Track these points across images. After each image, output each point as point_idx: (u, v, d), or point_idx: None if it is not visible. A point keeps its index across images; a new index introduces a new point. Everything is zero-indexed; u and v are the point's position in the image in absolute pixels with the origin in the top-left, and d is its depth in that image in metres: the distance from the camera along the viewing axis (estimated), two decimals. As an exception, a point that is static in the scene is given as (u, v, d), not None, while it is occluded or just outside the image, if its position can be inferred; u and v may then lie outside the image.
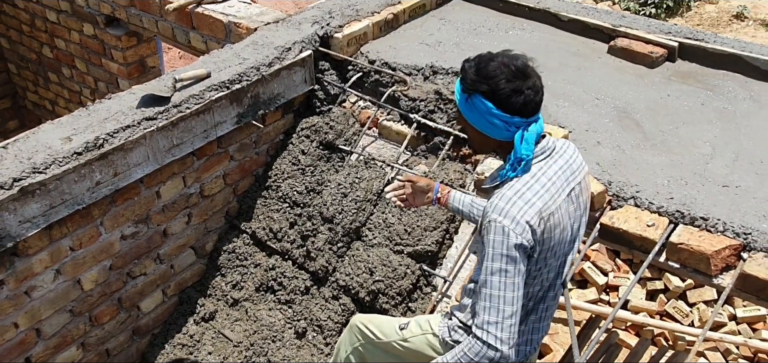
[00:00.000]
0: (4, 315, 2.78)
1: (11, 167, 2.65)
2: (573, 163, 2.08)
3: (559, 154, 2.06)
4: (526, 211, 1.89)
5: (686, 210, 2.73)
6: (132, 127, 2.96)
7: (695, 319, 5.13)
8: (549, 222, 1.95)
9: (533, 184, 1.95)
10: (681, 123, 3.29)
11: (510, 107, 1.92)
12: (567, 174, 2.04)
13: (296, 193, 3.57)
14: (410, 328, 2.40)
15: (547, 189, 1.96)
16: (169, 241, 3.38)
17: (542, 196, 1.94)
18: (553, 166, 2.02)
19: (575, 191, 2.07)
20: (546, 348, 4.96)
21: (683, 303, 5.26)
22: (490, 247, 1.90)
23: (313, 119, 3.77)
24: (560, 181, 2.01)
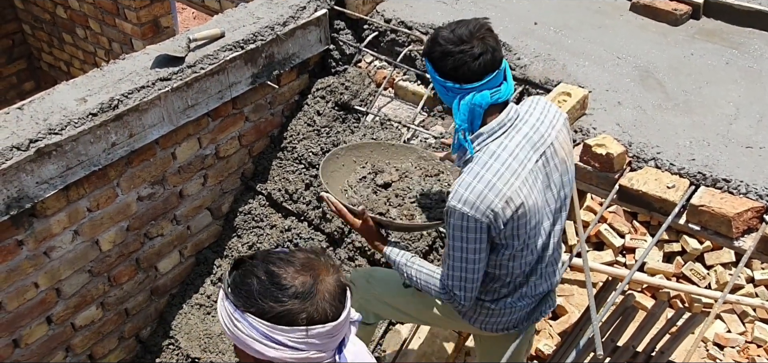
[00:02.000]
0: (24, 275, 2.81)
1: (27, 128, 2.66)
2: (540, 126, 2.01)
3: (523, 121, 2.00)
4: (485, 195, 1.88)
5: (708, 171, 2.68)
6: (146, 87, 2.95)
7: (712, 282, 5.09)
8: (514, 200, 1.91)
9: (492, 163, 1.92)
10: (704, 82, 3.22)
11: (442, 71, 1.95)
12: (533, 140, 1.98)
13: (312, 154, 3.55)
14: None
15: (508, 166, 1.92)
16: (185, 202, 3.39)
17: (503, 176, 1.90)
18: (514, 138, 1.96)
19: (547, 154, 2.00)
20: (561, 310, 4.96)
21: (700, 265, 5.22)
22: (450, 229, 1.96)
23: (328, 79, 3.73)
24: (524, 151, 1.96)
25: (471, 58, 1.90)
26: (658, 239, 2.60)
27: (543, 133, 2.01)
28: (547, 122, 2.04)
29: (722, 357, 4.82)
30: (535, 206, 1.97)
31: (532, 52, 3.44)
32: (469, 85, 1.93)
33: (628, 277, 2.67)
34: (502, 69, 1.97)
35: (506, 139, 1.96)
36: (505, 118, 1.97)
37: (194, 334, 3.39)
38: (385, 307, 2.55)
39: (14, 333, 2.88)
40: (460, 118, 1.96)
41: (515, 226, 1.95)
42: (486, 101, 1.94)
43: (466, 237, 1.93)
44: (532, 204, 1.96)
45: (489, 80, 1.93)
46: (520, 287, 2.17)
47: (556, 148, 2.04)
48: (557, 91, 3.01)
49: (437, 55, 1.95)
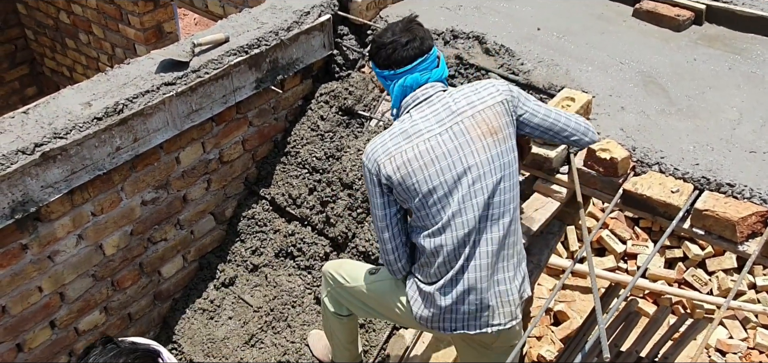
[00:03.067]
0: (28, 279, 2.82)
1: (33, 133, 2.66)
2: (453, 105, 2.16)
3: (439, 99, 2.19)
4: (375, 149, 2.18)
5: (712, 176, 2.68)
6: (151, 92, 2.95)
7: (714, 288, 5.09)
8: (396, 158, 2.13)
9: (394, 128, 2.20)
10: (707, 87, 3.22)
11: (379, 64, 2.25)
12: (442, 116, 2.15)
13: (315, 159, 3.55)
14: (380, 273, 2.48)
15: (403, 131, 2.16)
16: (188, 206, 3.39)
17: (395, 137, 2.16)
18: (423, 111, 2.17)
19: (454, 129, 2.13)
20: (563, 315, 4.96)
21: (702, 271, 5.22)
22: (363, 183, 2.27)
23: (332, 84, 3.74)
24: (427, 123, 2.15)
25: (400, 45, 2.19)
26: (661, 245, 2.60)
27: (454, 110, 2.16)
28: (466, 102, 2.17)
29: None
30: (425, 173, 2.12)
31: (536, 57, 3.45)
32: (400, 70, 2.20)
33: (631, 284, 2.66)
34: (432, 55, 2.23)
35: (415, 112, 2.19)
36: (420, 93, 2.21)
37: (197, 339, 3.39)
38: (352, 301, 2.58)
39: (18, 337, 2.87)
40: (394, 100, 2.25)
41: (405, 188, 2.15)
42: (417, 82, 2.20)
43: (368, 188, 2.25)
44: (418, 168, 2.12)
45: (418, 64, 2.19)
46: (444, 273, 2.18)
47: (466, 125, 2.14)
48: (561, 96, 3.02)
49: (374, 51, 2.26)
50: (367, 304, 2.55)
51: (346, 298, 2.60)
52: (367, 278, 2.50)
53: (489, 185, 2.13)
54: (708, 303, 4.93)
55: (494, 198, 2.14)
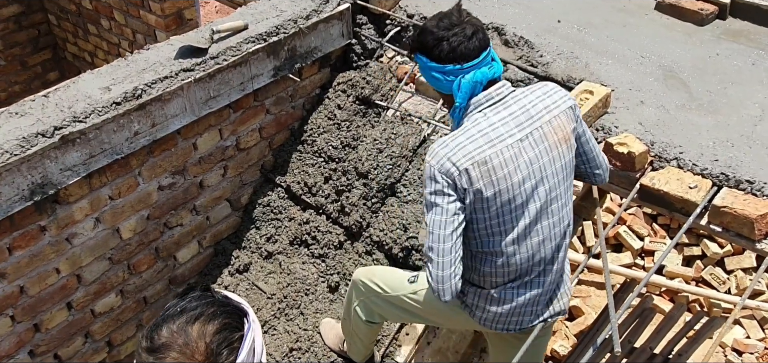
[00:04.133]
0: (46, 260, 2.86)
1: (52, 116, 2.69)
2: (532, 108, 2.03)
3: (515, 100, 2.04)
4: (454, 152, 1.95)
5: (731, 172, 2.64)
6: (170, 77, 2.97)
7: (732, 287, 5.02)
8: (485, 165, 1.94)
9: (470, 128, 1.99)
10: (729, 83, 3.17)
11: (440, 57, 2.00)
12: (520, 120, 2.01)
13: (331, 148, 3.56)
14: (420, 281, 2.41)
15: (484, 134, 1.97)
16: (205, 192, 3.42)
17: (476, 140, 1.96)
18: (500, 113, 2.01)
19: (533, 135, 2.01)
20: (578, 311, 4.93)
21: (720, 270, 5.15)
22: (424, 187, 2.01)
23: (349, 74, 3.74)
24: (506, 127, 1.99)
25: (465, 38, 1.99)
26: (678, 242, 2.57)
27: (533, 114, 2.03)
28: (542, 106, 2.05)
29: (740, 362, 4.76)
30: (509, 182, 1.98)
31: (555, 49, 3.42)
32: (468, 64, 2.00)
33: (645, 279, 2.64)
34: (491, 49, 2.06)
35: (491, 112, 2.02)
36: (494, 92, 2.03)
37: (212, 324, 3.42)
38: (390, 308, 2.52)
39: (35, 317, 2.92)
40: (461, 98, 2.02)
41: (485, 196, 1.98)
42: (486, 77, 2.02)
43: (434, 192, 1.97)
44: (503, 177, 1.97)
45: (484, 58, 2.02)
46: (514, 279, 2.13)
47: (545, 132, 2.04)
48: (579, 89, 2.99)
49: (431, 43, 2.01)
50: (408, 311, 2.47)
51: (381, 306, 2.55)
52: (407, 286, 2.43)
53: (561, 193, 2.10)
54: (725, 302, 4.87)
55: (566, 204, 2.12)
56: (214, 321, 1.17)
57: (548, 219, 2.09)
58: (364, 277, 2.58)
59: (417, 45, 2.06)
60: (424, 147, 3.37)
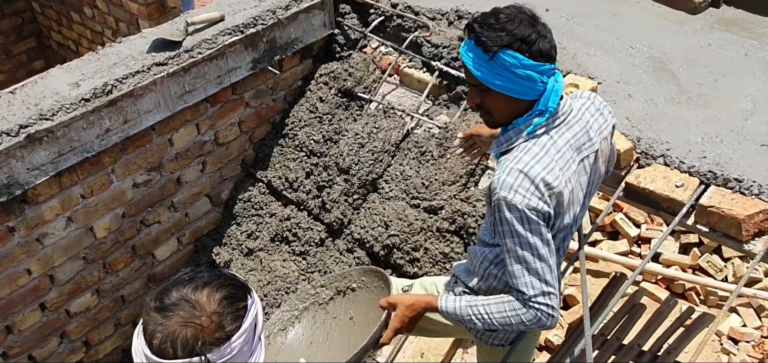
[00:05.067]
0: (16, 261, 2.78)
1: (18, 114, 2.61)
2: (591, 128, 1.85)
3: (576, 119, 1.84)
4: (536, 185, 1.71)
5: (719, 170, 2.55)
6: (142, 72, 2.88)
7: (729, 274, 4.95)
8: (561, 195, 1.77)
9: (542, 156, 1.74)
10: (721, 75, 3.08)
11: (539, 54, 1.69)
12: (581, 141, 1.83)
13: (313, 142, 3.47)
14: (414, 289, 2.30)
15: (556, 162, 1.75)
16: (183, 189, 3.34)
17: (552, 171, 1.73)
18: (565, 135, 1.80)
19: (589, 159, 1.86)
20: (572, 299, 4.86)
21: (718, 257, 5.08)
22: (507, 225, 1.74)
23: (332, 65, 3.64)
24: (571, 151, 1.80)
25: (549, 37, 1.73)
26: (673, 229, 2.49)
27: (592, 137, 1.85)
28: (597, 126, 1.88)
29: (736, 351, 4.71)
30: (570, 210, 1.84)
31: (541, 40, 3.31)
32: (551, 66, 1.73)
33: (639, 268, 2.57)
34: None
35: (556, 135, 1.79)
36: (563, 110, 1.80)
37: (191, 323, 3.35)
38: None
39: (7, 319, 2.85)
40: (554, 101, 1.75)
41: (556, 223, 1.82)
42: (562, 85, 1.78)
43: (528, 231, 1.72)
44: (569, 204, 1.82)
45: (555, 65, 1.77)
46: None
47: (597, 155, 1.89)
48: (565, 83, 2.89)
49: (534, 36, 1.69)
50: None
51: None
52: None
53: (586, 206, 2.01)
54: (721, 289, 4.81)
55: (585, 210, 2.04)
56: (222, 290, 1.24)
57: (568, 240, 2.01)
58: None
59: (510, 40, 1.68)
60: (407, 141, 3.28)
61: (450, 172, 3.09)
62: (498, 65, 1.70)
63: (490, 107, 1.80)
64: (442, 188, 3.07)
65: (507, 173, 1.73)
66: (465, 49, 1.77)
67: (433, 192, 3.07)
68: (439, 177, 3.09)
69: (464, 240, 2.98)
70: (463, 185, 3.08)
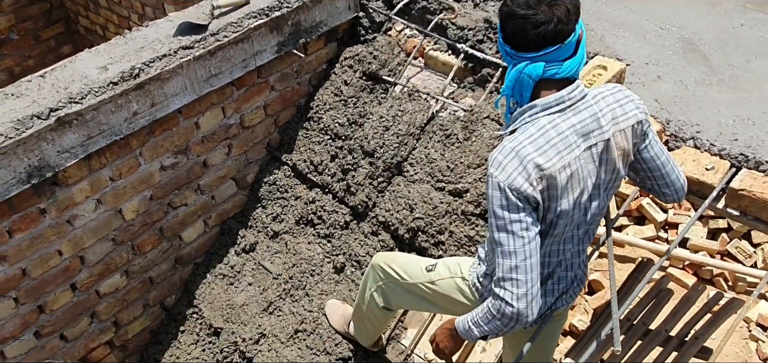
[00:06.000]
0: (47, 243, 2.83)
1: (48, 97, 2.64)
2: (603, 118, 1.81)
3: (586, 106, 1.80)
4: (524, 165, 1.72)
5: (751, 153, 2.51)
6: (168, 56, 2.90)
7: (758, 260, 4.87)
8: (554, 179, 1.75)
9: (538, 137, 1.75)
10: (753, 56, 3.01)
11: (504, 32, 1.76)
12: (590, 128, 1.79)
13: (338, 125, 3.48)
14: (438, 270, 2.30)
15: (553, 145, 1.74)
16: (209, 172, 3.37)
17: (546, 152, 1.73)
18: (569, 120, 1.77)
19: (597, 147, 1.81)
20: (598, 285, 4.82)
21: (747, 243, 4.99)
22: (490, 203, 1.77)
23: (356, 48, 3.64)
24: (575, 136, 1.77)
25: (531, 26, 1.70)
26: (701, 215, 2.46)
27: (602, 125, 1.81)
28: (611, 116, 1.84)
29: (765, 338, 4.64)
30: (570, 196, 1.81)
31: (568, 21, 3.27)
32: (523, 54, 1.75)
33: (666, 253, 2.54)
34: (570, 42, 1.73)
35: (559, 118, 1.77)
36: (566, 96, 1.77)
37: (217, 304, 3.39)
38: (406, 295, 2.44)
39: (39, 299, 2.91)
40: (506, 84, 1.80)
41: (545, 206, 1.80)
42: (536, 73, 1.75)
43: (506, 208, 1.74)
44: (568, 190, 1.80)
45: (547, 53, 1.73)
46: (544, 281, 2.02)
47: (610, 146, 1.84)
48: (592, 65, 2.86)
49: (503, 15, 1.76)
50: (424, 299, 2.38)
51: (398, 293, 2.47)
52: (425, 275, 2.33)
53: (606, 198, 1.96)
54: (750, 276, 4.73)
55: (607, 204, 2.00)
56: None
57: (589, 226, 1.98)
58: (384, 262, 2.49)
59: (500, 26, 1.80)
60: (432, 124, 3.27)
61: (475, 155, 3.07)
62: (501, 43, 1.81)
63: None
64: (467, 171, 3.05)
65: (500, 150, 1.76)
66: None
67: (458, 175, 3.06)
68: (465, 160, 3.08)
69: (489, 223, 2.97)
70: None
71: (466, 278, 2.19)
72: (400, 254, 2.58)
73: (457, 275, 2.23)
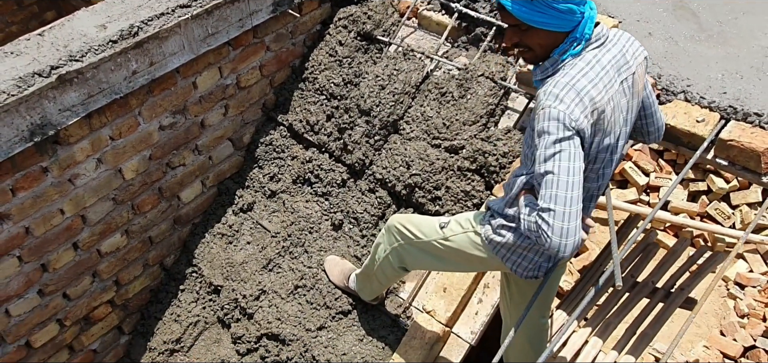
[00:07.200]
0: (50, 201, 2.85)
1: (48, 55, 2.64)
2: (627, 52, 1.94)
3: (613, 43, 1.93)
4: (581, 97, 1.81)
5: (739, 105, 2.60)
6: (166, 14, 2.91)
7: (737, 222, 5.01)
8: (603, 113, 1.86)
9: (588, 71, 1.84)
10: (740, 13, 3.09)
11: None
12: (620, 63, 1.92)
13: (333, 86, 3.51)
14: (451, 226, 2.37)
15: (601, 78, 1.85)
16: (206, 132, 3.39)
17: (597, 85, 1.84)
18: (606, 55, 1.90)
19: (628, 81, 1.94)
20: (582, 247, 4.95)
21: (726, 205, 5.14)
22: (544, 134, 1.82)
23: (350, 8, 3.66)
24: (613, 71, 1.90)
25: None
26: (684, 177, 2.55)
27: (628, 59, 1.95)
28: (632, 51, 1.98)
29: (743, 296, 4.79)
30: (612, 129, 1.92)
31: (561, -20, 3.32)
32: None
33: (650, 215, 2.63)
34: None
35: (600, 53, 1.89)
36: (600, 33, 1.90)
37: (216, 263, 3.44)
38: (420, 254, 2.50)
39: (42, 257, 2.93)
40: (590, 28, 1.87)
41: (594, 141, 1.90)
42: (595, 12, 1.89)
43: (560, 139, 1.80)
44: (613, 122, 1.91)
45: None
46: None
47: (635, 79, 1.98)
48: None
49: None
50: (438, 257, 2.45)
51: (413, 254, 2.52)
52: (439, 232, 2.39)
53: (627, 134, 2.06)
54: (729, 236, 4.88)
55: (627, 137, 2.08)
56: None
57: (614, 164, 2.07)
58: (399, 223, 2.55)
59: None
60: (427, 83, 3.32)
61: (470, 112, 3.14)
62: (540, 4, 1.80)
63: (531, 44, 1.90)
64: (463, 128, 3.11)
65: (553, 85, 1.82)
66: None
67: (454, 132, 3.12)
68: (460, 117, 3.14)
69: (485, 178, 3.04)
70: (483, 125, 3.13)
71: (479, 232, 2.27)
72: (415, 215, 2.62)
73: (469, 230, 2.30)
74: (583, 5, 1.83)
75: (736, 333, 4.44)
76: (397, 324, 3.01)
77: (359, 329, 3.04)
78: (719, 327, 4.64)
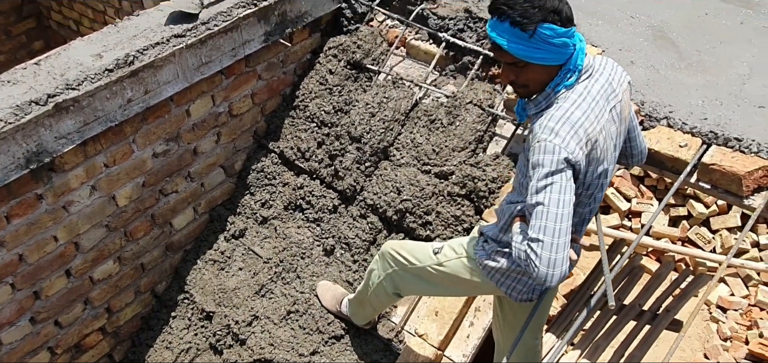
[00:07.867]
0: (44, 228, 2.86)
1: (45, 84, 2.68)
2: (613, 80, 2.01)
3: (600, 73, 1.99)
4: (576, 129, 1.85)
5: (720, 131, 2.69)
6: (161, 44, 2.96)
7: (717, 246, 5.12)
8: (596, 143, 1.91)
9: (581, 103, 1.90)
10: (718, 42, 3.21)
11: (567, 20, 1.84)
12: (608, 92, 1.98)
13: (324, 113, 3.57)
14: (444, 252, 2.41)
15: (592, 109, 1.91)
16: (199, 159, 3.43)
17: (589, 117, 1.89)
18: (595, 85, 1.95)
19: (616, 109, 2.00)
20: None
21: (706, 229, 5.24)
22: (540, 166, 1.86)
23: (340, 38, 3.74)
24: (603, 100, 1.95)
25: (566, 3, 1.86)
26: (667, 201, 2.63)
27: (615, 87, 2.00)
28: (617, 79, 2.03)
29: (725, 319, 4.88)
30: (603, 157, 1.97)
31: (545, 11, 3.43)
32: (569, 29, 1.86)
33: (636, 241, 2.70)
34: None
35: (590, 84, 1.94)
36: (589, 64, 1.96)
37: (208, 289, 3.46)
38: (414, 280, 2.54)
39: (35, 284, 2.94)
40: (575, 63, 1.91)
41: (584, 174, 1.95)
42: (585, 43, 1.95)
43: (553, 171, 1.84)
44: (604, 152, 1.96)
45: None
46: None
47: (622, 105, 2.03)
48: (570, 50, 3.01)
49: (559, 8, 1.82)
50: (432, 282, 2.48)
51: (408, 280, 2.56)
52: (433, 258, 2.43)
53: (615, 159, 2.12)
54: (710, 261, 4.98)
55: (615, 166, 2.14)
56: None
57: (603, 191, 2.11)
58: (393, 249, 2.58)
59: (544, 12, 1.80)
60: (416, 110, 3.39)
61: (459, 138, 3.21)
62: (537, 40, 1.83)
63: (527, 81, 1.95)
64: (452, 154, 3.18)
65: (549, 118, 1.88)
66: (496, 30, 1.88)
67: (444, 158, 3.19)
68: (449, 143, 3.21)
69: (474, 203, 3.10)
70: (472, 151, 3.20)
71: (473, 257, 2.32)
72: (408, 241, 2.66)
73: (462, 255, 2.35)
74: (573, 38, 1.89)
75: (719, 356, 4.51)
76: (390, 348, 3.04)
77: (352, 354, 3.07)
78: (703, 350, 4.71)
